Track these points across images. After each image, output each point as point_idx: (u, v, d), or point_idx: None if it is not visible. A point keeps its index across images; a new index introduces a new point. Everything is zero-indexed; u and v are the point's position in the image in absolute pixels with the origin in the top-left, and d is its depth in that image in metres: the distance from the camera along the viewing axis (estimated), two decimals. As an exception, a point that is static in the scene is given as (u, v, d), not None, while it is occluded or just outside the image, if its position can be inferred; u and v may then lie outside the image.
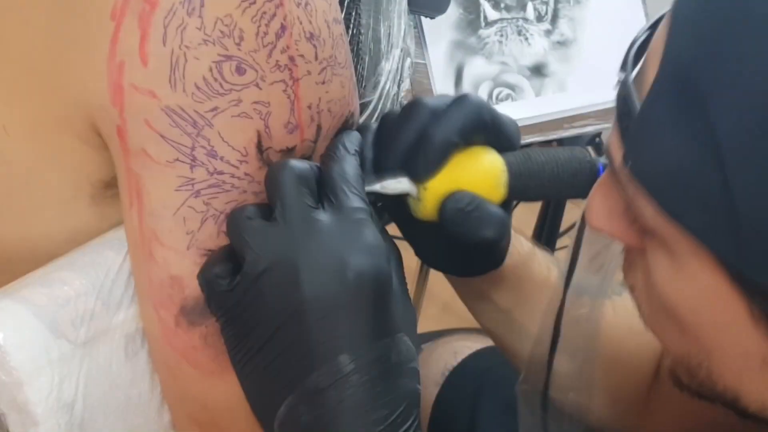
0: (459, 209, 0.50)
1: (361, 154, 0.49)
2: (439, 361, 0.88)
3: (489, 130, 0.51)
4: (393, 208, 0.54)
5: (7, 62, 0.45)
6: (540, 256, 0.65)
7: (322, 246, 0.44)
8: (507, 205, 0.54)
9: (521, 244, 0.62)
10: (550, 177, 0.52)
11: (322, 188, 0.46)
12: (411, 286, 0.55)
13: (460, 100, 0.51)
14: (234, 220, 0.45)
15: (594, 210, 0.45)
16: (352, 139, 0.49)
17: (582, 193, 0.51)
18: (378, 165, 0.50)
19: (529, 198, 0.54)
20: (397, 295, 0.47)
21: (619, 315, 0.65)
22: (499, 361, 0.82)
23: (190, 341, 0.47)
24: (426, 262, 0.61)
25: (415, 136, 0.50)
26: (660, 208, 0.38)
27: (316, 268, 0.43)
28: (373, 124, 0.53)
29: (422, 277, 1.37)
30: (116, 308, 0.48)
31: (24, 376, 0.43)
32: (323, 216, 0.45)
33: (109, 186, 0.48)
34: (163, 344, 0.47)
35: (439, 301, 1.58)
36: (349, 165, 0.47)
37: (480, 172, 0.51)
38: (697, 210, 0.36)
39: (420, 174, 0.50)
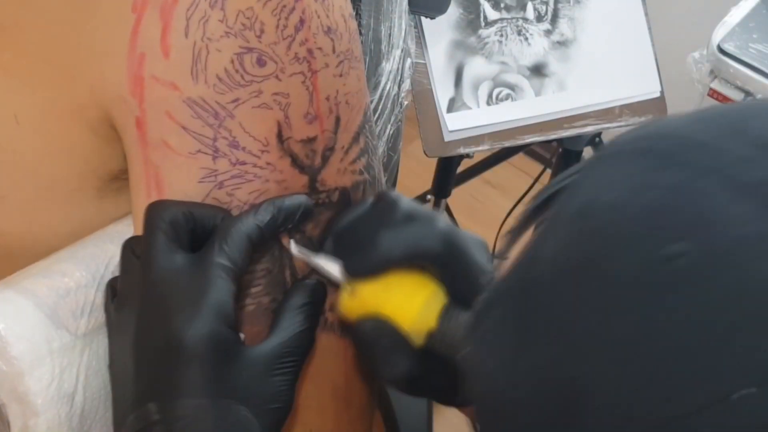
0: (371, 336, 0.47)
1: (289, 215, 0.46)
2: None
3: (441, 258, 0.47)
4: None
5: (21, 52, 0.45)
6: None
7: (161, 291, 0.43)
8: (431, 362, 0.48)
9: None
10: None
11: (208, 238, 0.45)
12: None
13: (430, 221, 0.47)
14: (122, 248, 0.46)
15: None
16: (280, 203, 0.46)
17: None
18: (330, 242, 0.48)
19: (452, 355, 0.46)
20: (250, 365, 0.43)
21: None
22: None
23: None
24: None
25: (371, 233, 0.47)
26: None
27: (149, 312, 0.43)
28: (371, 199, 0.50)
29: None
30: (117, 300, 0.48)
31: (25, 366, 0.43)
32: (178, 261, 0.43)
33: (115, 179, 0.49)
34: None
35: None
36: (241, 224, 0.44)
37: (409, 296, 0.47)
38: None
39: (353, 270, 0.47)
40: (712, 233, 0.28)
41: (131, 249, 0.46)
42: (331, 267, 0.47)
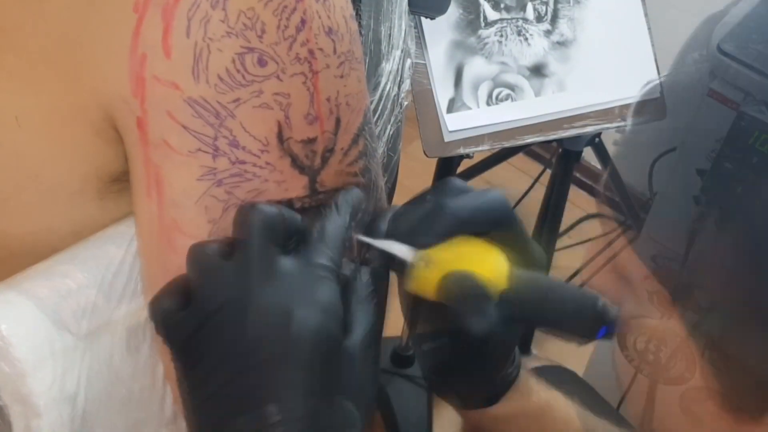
0: (457, 290, 0.48)
1: (357, 212, 0.49)
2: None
3: (510, 222, 0.50)
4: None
5: (23, 54, 0.45)
6: (560, 411, 0.60)
7: (274, 293, 0.43)
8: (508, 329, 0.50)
9: (535, 392, 0.59)
10: (553, 295, 0.49)
11: (299, 238, 0.46)
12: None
13: (489, 191, 0.50)
14: (194, 254, 0.45)
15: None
16: (348, 198, 0.48)
17: (583, 331, 0.49)
18: (393, 228, 0.49)
19: (523, 316, 0.50)
20: (349, 360, 0.45)
21: None
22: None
23: None
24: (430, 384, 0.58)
25: (432, 206, 0.49)
26: None
27: (263, 314, 0.43)
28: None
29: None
30: (118, 302, 0.48)
31: (27, 367, 0.43)
32: (284, 263, 0.44)
33: (116, 180, 0.49)
34: None
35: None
36: (331, 223, 0.46)
37: (487, 255, 0.49)
38: None
39: (426, 238, 0.48)
40: None
41: (217, 253, 0.45)
42: (398, 248, 0.48)
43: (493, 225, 0.50)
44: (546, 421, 0.59)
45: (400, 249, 0.48)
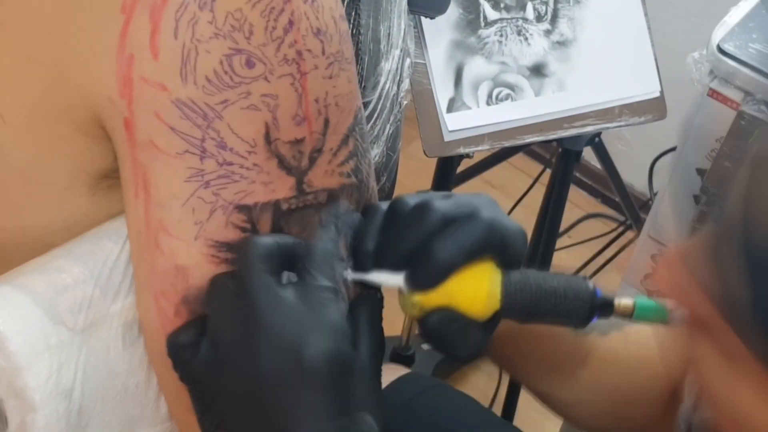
0: (440, 327, 0.50)
1: (358, 234, 0.50)
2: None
3: (495, 250, 0.50)
4: None
5: (7, 50, 0.45)
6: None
7: (281, 323, 0.44)
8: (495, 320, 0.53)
9: None
10: (547, 303, 0.50)
11: (297, 264, 0.47)
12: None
13: (473, 217, 0.50)
14: (210, 290, 0.46)
15: (665, 283, 0.46)
16: (343, 219, 0.50)
17: (578, 323, 0.51)
18: (379, 257, 0.50)
19: (522, 318, 0.51)
20: (362, 375, 0.47)
21: (630, 346, 0.65)
22: (418, 390, 0.83)
23: None
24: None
25: (421, 244, 0.49)
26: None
27: (274, 345, 0.44)
28: (383, 205, 0.52)
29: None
30: (114, 297, 0.48)
31: (23, 361, 0.43)
32: (286, 293, 0.45)
33: (106, 177, 0.49)
34: (160, 335, 0.48)
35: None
36: (325, 245, 0.48)
37: (474, 292, 0.50)
38: None
39: (417, 285, 0.50)
40: None
41: (226, 285, 0.46)
42: (394, 279, 0.50)
43: (486, 253, 0.50)
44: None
45: (388, 279, 0.50)
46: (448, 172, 1.34)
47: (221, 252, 0.47)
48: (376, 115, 0.86)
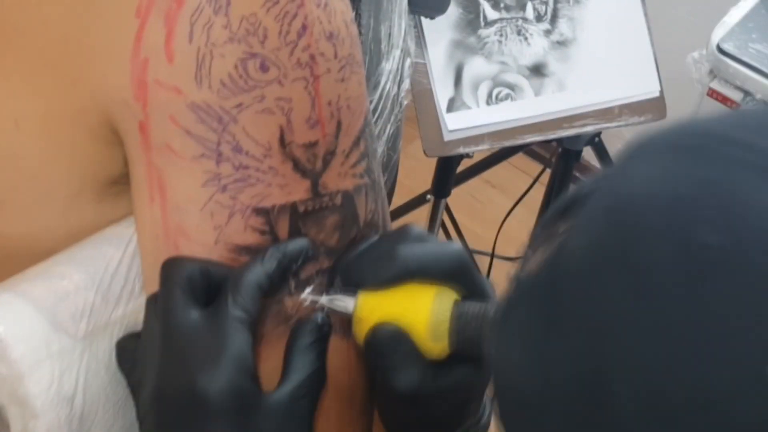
0: (385, 343, 0.46)
1: (295, 260, 0.47)
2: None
3: (459, 274, 0.48)
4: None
5: (22, 56, 0.45)
6: None
7: (182, 348, 0.44)
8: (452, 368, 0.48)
9: None
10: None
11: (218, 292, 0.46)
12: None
13: (447, 244, 0.48)
14: (146, 305, 0.47)
15: None
16: (283, 248, 0.47)
17: None
18: (341, 275, 0.49)
19: (474, 355, 0.46)
20: (274, 411, 0.44)
21: None
22: None
23: None
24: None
25: (383, 251, 0.48)
26: None
27: (172, 367, 0.44)
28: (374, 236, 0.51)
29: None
30: (115, 303, 0.48)
31: (24, 368, 0.43)
32: (196, 318, 0.44)
33: (114, 183, 0.49)
34: None
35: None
36: (249, 273, 0.45)
37: (422, 313, 0.46)
38: None
39: (369, 280, 0.47)
40: (746, 222, 0.29)
41: (152, 302, 0.46)
42: (338, 303, 0.48)
43: (447, 277, 0.48)
44: None
45: (340, 304, 0.47)
46: (448, 172, 1.34)
47: (241, 255, 0.47)
48: (377, 115, 0.86)
